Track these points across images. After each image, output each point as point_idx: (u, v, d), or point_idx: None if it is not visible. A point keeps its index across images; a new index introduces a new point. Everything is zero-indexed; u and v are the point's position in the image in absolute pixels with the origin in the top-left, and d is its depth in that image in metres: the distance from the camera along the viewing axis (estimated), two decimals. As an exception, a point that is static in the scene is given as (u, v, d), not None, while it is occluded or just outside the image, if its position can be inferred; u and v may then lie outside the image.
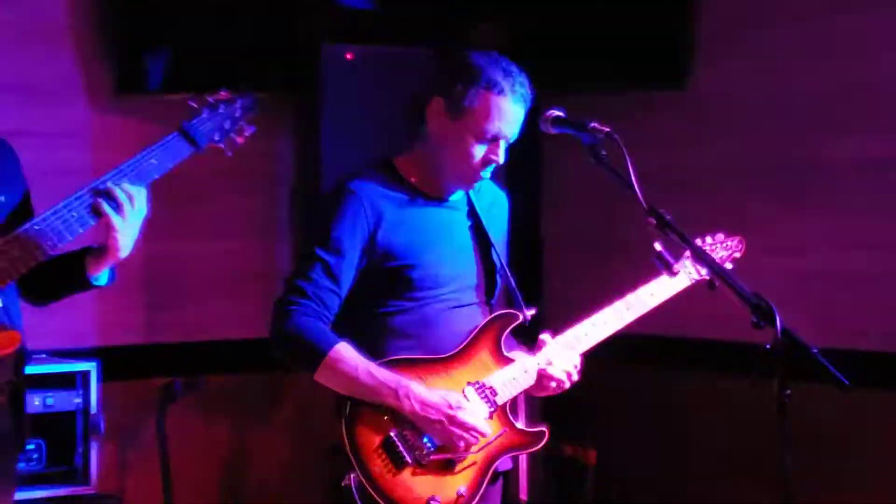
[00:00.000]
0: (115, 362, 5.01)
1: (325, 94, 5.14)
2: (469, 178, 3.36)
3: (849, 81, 4.83)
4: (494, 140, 3.30)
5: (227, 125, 3.20)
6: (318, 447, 5.25)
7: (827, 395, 3.02)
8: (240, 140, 3.22)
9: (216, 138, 3.19)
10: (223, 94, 3.21)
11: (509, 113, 3.28)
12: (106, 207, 2.96)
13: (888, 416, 4.66)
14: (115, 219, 2.96)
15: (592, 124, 3.13)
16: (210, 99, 3.18)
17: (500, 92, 3.26)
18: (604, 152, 3.11)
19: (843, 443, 4.79)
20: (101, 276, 3.10)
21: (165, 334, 5.28)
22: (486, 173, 3.36)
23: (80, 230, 2.97)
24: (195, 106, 3.15)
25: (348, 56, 5.14)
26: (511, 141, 3.34)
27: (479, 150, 3.30)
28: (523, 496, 5.36)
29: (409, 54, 5.11)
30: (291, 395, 5.41)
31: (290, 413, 5.44)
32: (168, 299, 5.30)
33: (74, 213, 2.95)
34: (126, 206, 2.98)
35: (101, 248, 3.03)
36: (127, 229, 2.99)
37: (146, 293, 5.23)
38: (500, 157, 3.32)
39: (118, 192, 2.97)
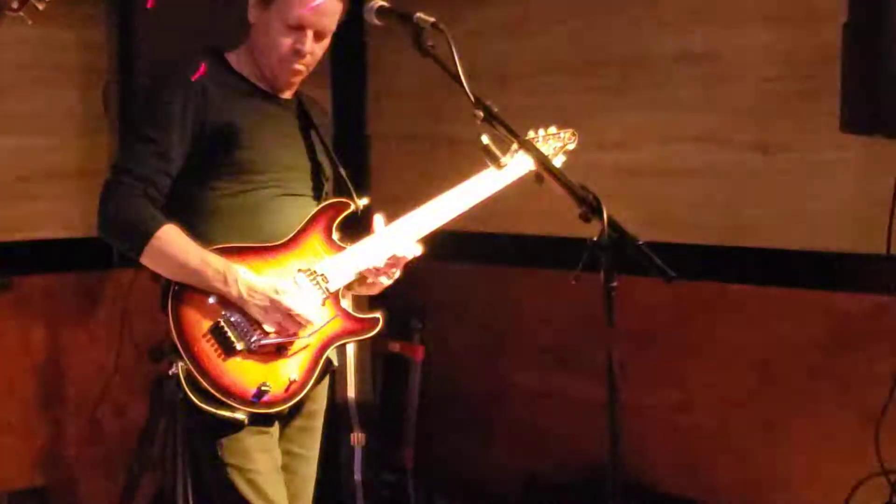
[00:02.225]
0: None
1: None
2: (283, 69, 3.36)
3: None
4: (300, 28, 3.30)
5: None
6: (138, 349, 5.21)
7: (654, 288, 3.04)
8: (41, 7, 3.04)
9: (15, 6, 3.00)
10: None
11: (313, 0, 3.26)
12: None
13: (711, 307, 4.75)
14: None
15: (418, 14, 3.09)
16: None
17: None
18: (430, 43, 3.07)
19: (670, 336, 4.87)
20: None
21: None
22: (300, 66, 3.36)
23: None
24: None
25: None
26: (324, 32, 3.34)
27: (286, 40, 3.31)
28: (351, 393, 5.36)
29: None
30: (109, 297, 5.29)
31: (109, 314, 5.31)
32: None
33: None
34: None
35: None
36: None
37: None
38: (306, 47, 3.32)
39: None
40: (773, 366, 4.62)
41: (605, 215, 2.73)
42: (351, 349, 5.30)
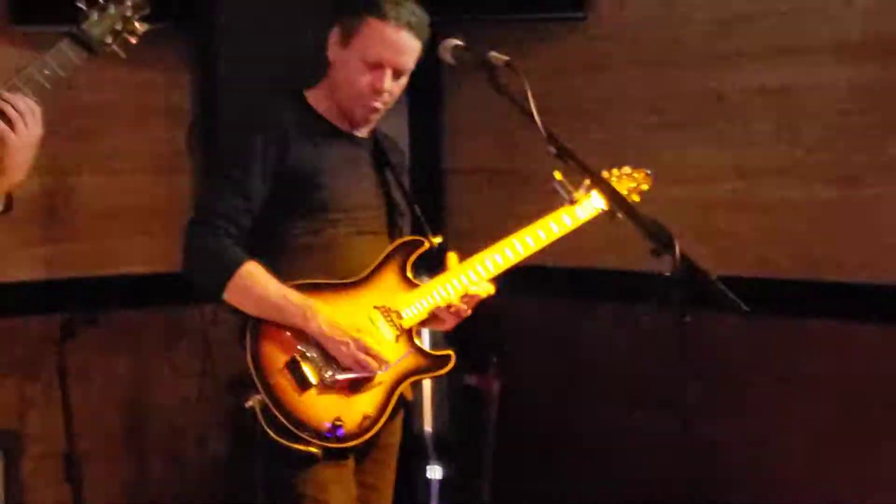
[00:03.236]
0: (11, 298, 4.94)
1: (223, 23, 5.04)
2: (361, 107, 3.39)
3: (750, 9, 4.84)
4: (379, 66, 3.32)
5: (118, 26, 3.09)
6: (219, 381, 5.28)
7: (728, 323, 3.05)
8: (133, 41, 3.12)
9: (109, 41, 3.08)
10: None
11: (393, 39, 3.31)
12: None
13: (789, 343, 4.72)
14: (9, 136, 2.85)
15: (492, 53, 3.12)
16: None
17: (383, 17, 3.30)
18: (504, 82, 3.10)
19: (744, 371, 4.85)
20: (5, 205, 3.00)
21: (63, 269, 5.19)
22: (378, 104, 3.38)
23: None
24: (84, 8, 3.05)
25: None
26: (403, 71, 3.37)
27: (365, 78, 3.34)
28: (427, 427, 5.39)
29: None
30: (192, 331, 5.37)
31: (192, 348, 5.39)
32: (65, 234, 5.21)
33: None
34: (20, 123, 2.87)
35: None
36: (22, 148, 2.88)
37: (44, 227, 5.14)
38: (385, 86, 3.34)
39: (10, 108, 2.86)
40: (853, 401, 4.58)
41: (677, 250, 2.74)
42: (427, 382, 5.33)
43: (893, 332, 4.46)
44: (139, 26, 3.10)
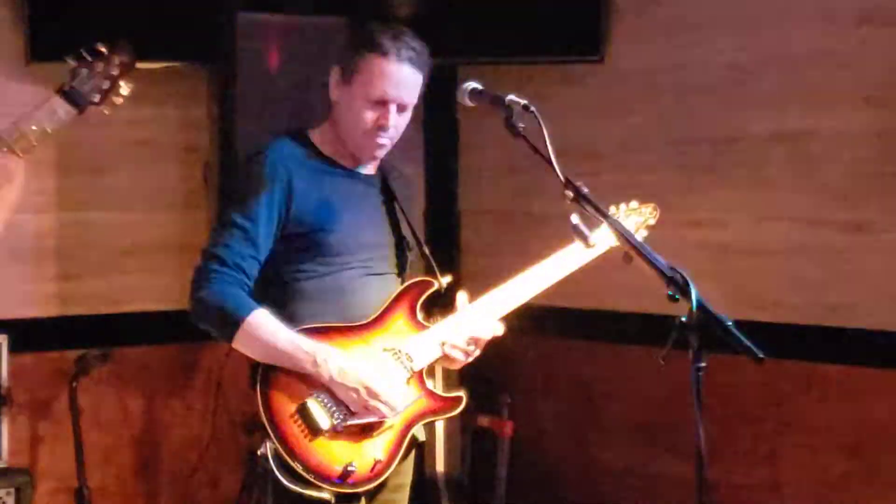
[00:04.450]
0: (26, 335, 4.96)
1: (239, 63, 5.07)
2: (367, 145, 3.37)
3: (766, 54, 4.85)
4: (383, 103, 3.31)
5: (104, 85, 3.11)
6: (232, 420, 5.28)
7: (742, 367, 3.04)
8: (119, 101, 3.14)
9: (95, 100, 3.10)
10: (100, 49, 3.13)
11: (394, 74, 3.29)
12: None
13: (802, 387, 4.71)
14: None
15: (510, 96, 3.12)
16: (87, 56, 3.10)
17: (384, 53, 3.28)
18: (521, 125, 3.10)
19: (761, 416, 4.83)
20: None
21: (77, 306, 5.20)
22: (384, 140, 3.36)
23: None
24: (74, 64, 3.07)
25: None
26: (408, 104, 3.35)
27: (369, 115, 3.31)
28: (439, 467, 5.38)
29: (324, 24, 5.06)
30: (205, 368, 5.37)
31: (204, 386, 5.40)
32: (80, 270, 5.23)
33: None
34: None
35: None
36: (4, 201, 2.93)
37: (58, 264, 5.16)
38: (390, 122, 3.33)
39: None
40: (866, 448, 4.56)
41: (693, 296, 2.73)
42: (440, 423, 5.31)
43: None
44: (125, 87, 3.12)
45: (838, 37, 4.66)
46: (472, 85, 3.24)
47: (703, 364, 2.68)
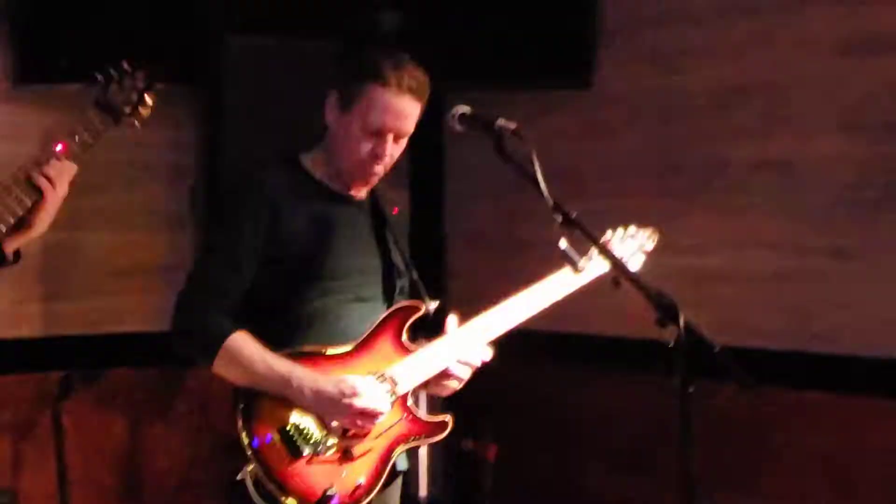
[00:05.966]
0: (9, 355, 4.94)
1: (227, 84, 5.08)
2: (361, 172, 3.36)
3: (750, 82, 4.89)
4: (380, 133, 3.29)
5: (133, 98, 3.16)
6: (216, 442, 5.26)
7: (724, 393, 3.05)
8: (146, 112, 3.19)
9: (127, 111, 3.15)
10: (125, 65, 3.18)
11: (395, 105, 3.27)
12: (44, 182, 3.00)
13: (789, 414, 4.72)
14: (49, 193, 3.01)
15: (499, 121, 3.12)
16: (113, 72, 3.15)
17: (386, 84, 3.26)
18: (510, 149, 3.11)
19: (745, 441, 4.84)
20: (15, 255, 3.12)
21: (62, 327, 5.19)
22: (379, 168, 3.35)
23: (20, 212, 3.01)
24: (101, 79, 3.12)
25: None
26: (403, 135, 3.34)
27: (366, 144, 3.30)
28: (423, 492, 5.37)
29: (313, 47, 5.08)
30: (189, 390, 5.36)
31: (189, 408, 5.38)
32: (65, 291, 5.21)
33: (15, 195, 2.99)
34: (58, 181, 3.02)
35: (19, 224, 3.04)
36: (54, 203, 3.03)
37: (42, 284, 5.14)
38: (387, 152, 3.31)
39: (52, 170, 3.02)
40: (851, 474, 4.57)
41: (682, 321, 2.73)
42: (423, 447, 5.30)
43: (888, 406, 4.46)
44: (150, 99, 3.17)
45: (821, 65, 4.70)
46: (462, 109, 3.23)
47: (691, 389, 2.69)
